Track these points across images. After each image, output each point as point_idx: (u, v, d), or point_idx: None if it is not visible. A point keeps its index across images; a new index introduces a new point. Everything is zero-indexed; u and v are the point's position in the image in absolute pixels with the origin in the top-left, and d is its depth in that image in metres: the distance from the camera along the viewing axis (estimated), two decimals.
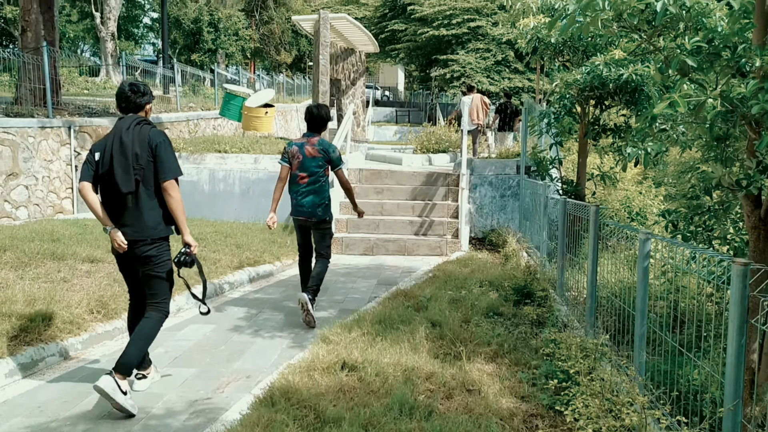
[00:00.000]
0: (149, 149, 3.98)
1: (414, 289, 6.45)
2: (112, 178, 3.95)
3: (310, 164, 5.94)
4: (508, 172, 10.98)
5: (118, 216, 4.04)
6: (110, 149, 3.97)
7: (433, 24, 28.33)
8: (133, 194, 3.98)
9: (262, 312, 6.33)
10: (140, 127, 4.03)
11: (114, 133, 4.04)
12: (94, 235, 7.91)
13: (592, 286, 5.31)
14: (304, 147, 5.97)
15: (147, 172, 3.98)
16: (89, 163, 4.03)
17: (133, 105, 4.11)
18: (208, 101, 20.10)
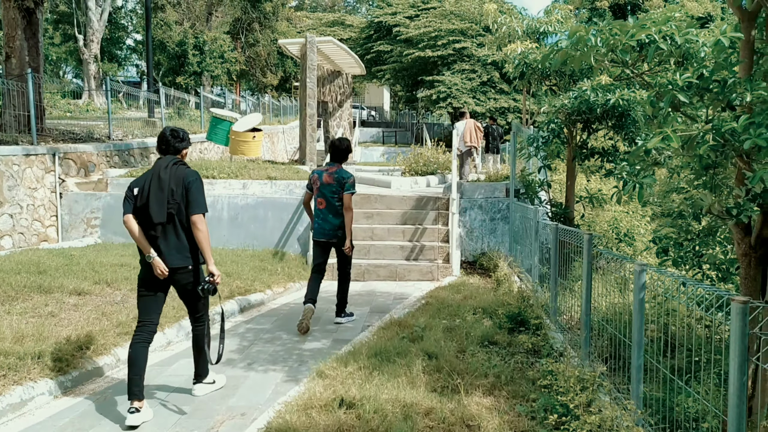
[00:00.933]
0: (183, 186, 4.46)
1: (408, 318, 6.41)
2: (149, 212, 4.43)
3: (326, 191, 6.70)
4: (498, 195, 11.02)
5: (156, 247, 4.49)
6: (148, 184, 4.47)
7: (419, 45, 28.56)
8: (165, 226, 4.47)
9: (255, 344, 6.25)
10: (177, 167, 4.54)
11: (153, 171, 4.54)
12: (80, 266, 7.80)
13: (586, 316, 5.31)
14: (323, 175, 6.73)
15: (181, 206, 4.47)
16: (129, 198, 4.58)
17: (172, 148, 4.62)
18: (194, 124, 20.04)
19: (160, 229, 4.45)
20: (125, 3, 39.03)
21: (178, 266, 4.52)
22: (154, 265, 4.46)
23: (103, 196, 11.19)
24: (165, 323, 6.31)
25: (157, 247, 4.48)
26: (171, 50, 26.73)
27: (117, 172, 12.06)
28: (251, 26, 29.85)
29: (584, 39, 4.33)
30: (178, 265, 4.52)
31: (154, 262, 4.46)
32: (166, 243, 4.48)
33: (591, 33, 4.35)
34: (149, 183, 4.47)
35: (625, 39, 4.28)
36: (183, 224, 4.50)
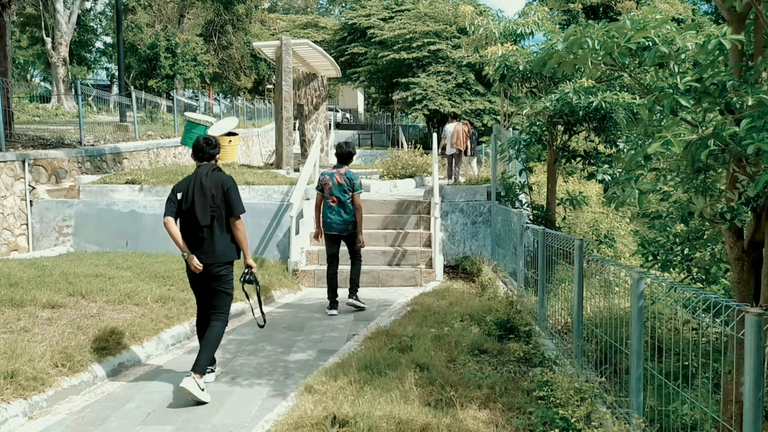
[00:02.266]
0: (222, 191, 5.00)
1: (395, 327, 6.28)
2: (192, 213, 4.99)
3: (338, 190, 7.57)
4: (479, 198, 10.94)
5: (196, 244, 5.06)
6: (192, 190, 5.01)
7: (394, 47, 28.52)
8: (209, 227, 5.01)
9: (238, 356, 6.06)
10: (215, 173, 5.09)
11: (195, 177, 5.06)
12: (53, 277, 7.52)
13: (578, 323, 5.23)
14: (333, 176, 7.61)
15: (220, 209, 5.02)
16: (172, 201, 5.11)
17: (207, 155, 5.16)
18: (167, 128, 19.69)
19: (204, 230, 5.02)
20: (94, 5, 38.34)
21: (216, 262, 5.07)
22: (189, 262, 5.05)
23: (75, 204, 10.88)
24: (143, 336, 6.10)
25: (200, 246, 5.04)
26: (142, 53, 26.22)
27: (89, 178, 11.74)
28: (224, 28, 29.47)
29: (580, 42, 4.23)
30: (216, 261, 5.07)
31: (190, 259, 5.05)
32: (207, 242, 5.04)
33: (587, 36, 4.26)
34: (192, 189, 5.01)
35: (624, 42, 4.18)
36: (221, 225, 5.05)
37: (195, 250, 5.06)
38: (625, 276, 4.42)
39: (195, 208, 4.96)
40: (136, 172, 11.96)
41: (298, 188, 10.12)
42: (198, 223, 4.99)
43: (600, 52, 4.23)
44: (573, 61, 4.45)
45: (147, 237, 10.77)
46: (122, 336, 5.91)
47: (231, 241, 5.14)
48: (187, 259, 5.07)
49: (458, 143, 14.41)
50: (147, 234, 10.79)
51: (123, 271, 8.35)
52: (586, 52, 4.23)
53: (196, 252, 5.05)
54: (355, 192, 7.58)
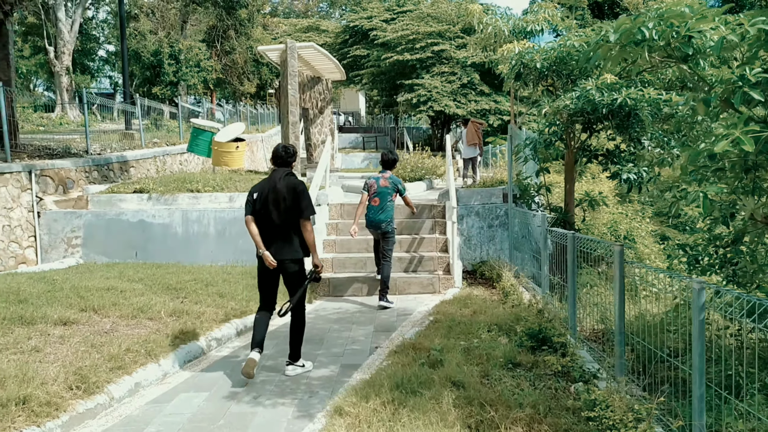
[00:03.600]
0: (294, 194, 5.40)
1: (421, 340, 6.00)
2: (267, 214, 5.44)
3: (383, 192, 8.36)
4: (495, 200, 10.66)
5: (270, 242, 5.48)
6: (266, 192, 5.46)
7: (397, 49, 28.22)
8: (281, 226, 5.43)
9: (258, 373, 5.79)
10: (288, 177, 5.53)
11: (270, 180, 5.51)
12: (64, 291, 7.27)
13: (620, 334, 4.95)
14: (379, 180, 8.41)
15: (292, 211, 5.42)
16: (250, 202, 5.56)
17: (284, 162, 5.63)
18: (173, 136, 19.44)
19: (277, 229, 5.43)
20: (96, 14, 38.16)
21: (288, 258, 5.49)
22: (264, 258, 5.45)
23: (83, 214, 10.64)
24: (159, 353, 5.84)
25: (273, 243, 5.46)
26: (146, 60, 25.98)
27: (97, 188, 11.50)
28: (227, 33, 29.21)
29: (633, 32, 3.96)
30: (288, 258, 5.49)
31: (264, 256, 5.44)
32: (280, 240, 5.45)
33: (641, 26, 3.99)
34: (267, 191, 5.46)
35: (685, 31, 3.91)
36: (293, 225, 5.46)
37: (268, 247, 5.48)
38: (679, 285, 4.15)
39: (269, 209, 5.42)
40: (144, 180, 11.72)
41: (310, 192, 9.85)
42: (272, 223, 5.44)
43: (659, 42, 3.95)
44: (620, 54, 4.17)
45: (156, 247, 10.53)
46: (138, 354, 5.65)
47: (300, 240, 5.52)
48: (261, 256, 5.47)
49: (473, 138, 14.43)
50: (156, 244, 10.55)
51: (134, 283, 8.09)
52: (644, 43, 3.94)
53: (271, 249, 5.46)
54: (403, 194, 8.59)
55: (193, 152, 14.54)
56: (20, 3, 12.38)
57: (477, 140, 14.93)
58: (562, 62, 9.43)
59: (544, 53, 9.33)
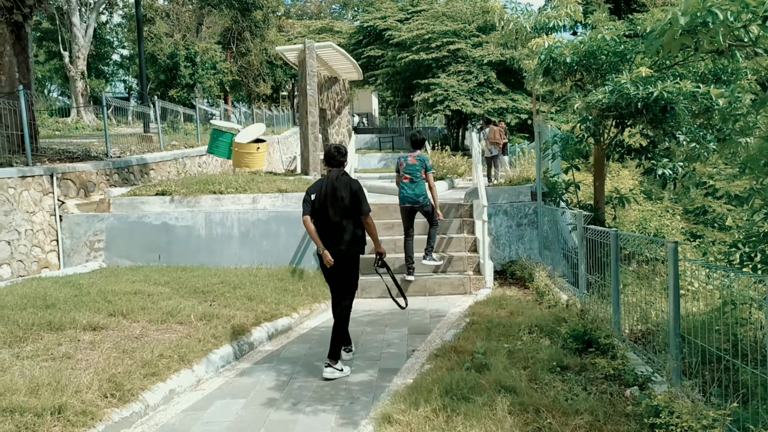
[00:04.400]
0: (351, 193, 5.65)
1: (461, 342, 5.80)
2: (325, 212, 5.65)
3: (412, 169, 8.76)
4: (523, 199, 10.44)
5: (330, 238, 5.68)
6: (324, 192, 5.67)
7: (412, 48, 28.03)
8: (339, 224, 5.64)
9: (295, 378, 5.62)
10: (344, 177, 5.75)
11: (327, 180, 5.73)
12: (90, 296, 7.14)
13: (675, 336, 4.73)
14: (407, 158, 8.85)
15: (349, 209, 5.65)
16: (307, 202, 5.73)
17: (337, 162, 5.86)
18: (190, 138, 19.35)
19: (335, 227, 5.64)
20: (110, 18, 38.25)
21: (346, 253, 5.71)
22: (324, 257, 5.66)
23: (106, 217, 10.52)
24: (192, 358, 5.68)
25: (331, 240, 5.67)
26: (162, 63, 25.93)
27: (119, 190, 11.39)
28: (242, 35, 29.12)
29: (704, 15, 3.75)
30: (346, 253, 5.71)
31: (324, 254, 5.66)
32: (338, 236, 5.66)
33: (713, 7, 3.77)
34: (324, 190, 5.68)
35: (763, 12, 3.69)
36: (350, 222, 5.67)
37: (326, 244, 5.68)
38: (747, 283, 3.92)
39: (327, 207, 5.63)
40: (166, 182, 11.59)
41: None
42: (329, 220, 5.64)
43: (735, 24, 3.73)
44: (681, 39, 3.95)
45: (180, 249, 10.39)
46: (171, 360, 5.50)
47: (357, 236, 5.73)
48: (321, 254, 5.67)
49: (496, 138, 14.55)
50: (179, 246, 10.41)
51: (161, 287, 7.96)
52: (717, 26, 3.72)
53: (331, 245, 5.67)
54: (428, 172, 8.74)
55: (213, 154, 14.43)
56: (39, 5, 12.30)
57: (498, 140, 15.10)
58: (592, 56, 9.20)
59: (574, 47, 9.11)
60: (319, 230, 5.69)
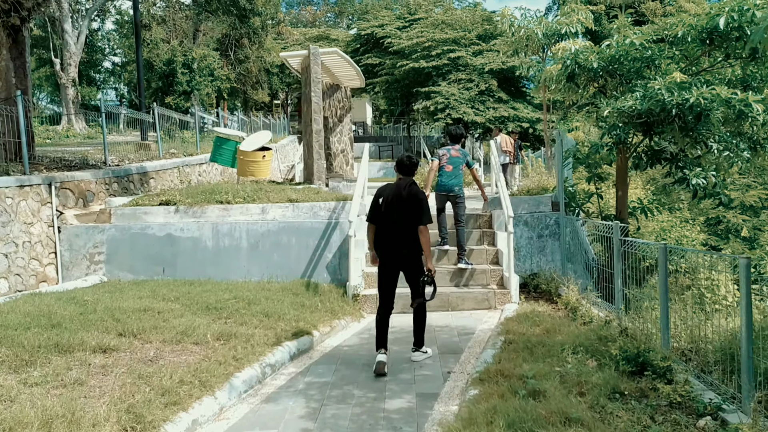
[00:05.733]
0: (416, 202, 5.95)
1: (506, 365, 5.38)
2: (390, 217, 6.01)
3: (455, 161, 9.17)
4: (543, 209, 10.06)
5: (391, 243, 6.04)
6: (392, 198, 6.05)
7: (412, 56, 27.78)
8: (402, 230, 5.96)
9: (326, 405, 5.18)
10: (411, 187, 6.09)
11: (397, 188, 6.11)
12: (97, 314, 6.68)
13: (748, 360, 4.34)
14: (450, 150, 9.26)
15: (412, 217, 5.94)
16: (375, 206, 6.15)
17: (408, 171, 6.24)
18: (188, 146, 18.88)
19: (399, 232, 5.96)
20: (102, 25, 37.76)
21: (408, 258, 6.02)
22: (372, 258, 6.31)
23: (107, 229, 10.06)
24: (214, 383, 5.23)
25: (393, 244, 6.01)
26: (159, 69, 25.44)
27: (120, 200, 10.92)
28: (240, 42, 28.72)
29: None
30: (408, 257, 6.02)
31: (372, 254, 6.26)
32: (401, 241, 5.97)
33: None
34: (393, 197, 6.05)
35: None
36: (413, 229, 5.94)
37: (388, 247, 6.04)
38: None
39: (392, 213, 5.98)
40: (170, 192, 11.14)
41: (354, 204, 9.28)
42: (394, 225, 5.97)
43: None
44: None
45: (185, 262, 9.94)
46: (192, 386, 5.04)
47: (417, 242, 5.96)
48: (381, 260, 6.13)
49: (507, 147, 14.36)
50: (185, 258, 9.95)
51: (170, 303, 7.50)
52: None
53: (391, 250, 6.04)
54: (471, 167, 9.35)
55: (216, 162, 14.00)
56: (38, 8, 11.85)
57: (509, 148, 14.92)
58: (617, 62, 8.86)
59: (600, 52, 8.77)
60: (382, 235, 6.06)
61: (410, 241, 5.95)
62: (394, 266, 6.09)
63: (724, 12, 7.70)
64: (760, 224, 13.57)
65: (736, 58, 8.46)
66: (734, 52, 8.26)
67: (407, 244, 5.95)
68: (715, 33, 8.01)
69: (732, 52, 8.32)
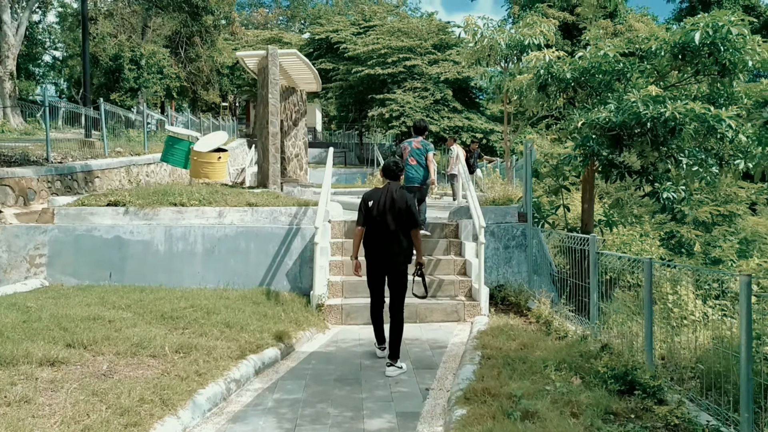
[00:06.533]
0: (406, 206, 6.10)
1: (491, 383, 5.10)
2: (383, 221, 6.11)
3: (416, 153, 9.33)
4: (510, 220, 9.90)
5: (383, 247, 6.18)
6: (383, 202, 6.15)
7: (368, 63, 27.52)
8: (394, 232, 6.10)
9: (301, 425, 4.79)
10: (401, 191, 6.24)
11: (386, 192, 6.22)
12: (42, 322, 6.11)
13: (747, 382, 4.19)
14: (411, 143, 9.41)
15: (404, 220, 6.10)
16: (362, 210, 6.29)
17: (395, 176, 6.37)
18: (135, 145, 18.06)
19: (391, 235, 6.11)
20: (43, 17, 36.16)
21: (397, 261, 6.18)
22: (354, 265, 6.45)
23: (49, 229, 9.38)
24: (177, 401, 4.78)
25: (384, 247, 6.17)
26: (104, 65, 24.34)
27: (64, 199, 10.22)
28: (191, 40, 27.82)
29: None
30: (398, 261, 6.18)
31: (355, 263, 6.44)
32: (391, 245, 6.13)
33: None
34: (384, 201, 6.16)
35: None
36: (403, 232, 6.14)
37: (379, 250, 6.21)
38: None
39: (386, 217, 6.10)
40: (119, 192, 10.50)
41: (320, 210, 8.89)
42: (386, 229, 6.10)
43: None
44: None
45: (134, 267, 9.35)
46: (153, 404, 4.59)
47: (408, 246, 6.20)
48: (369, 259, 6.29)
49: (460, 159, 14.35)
50: (135, 263, 9.37)
51: (122, 311, 6.97)
52: None
53: (381, 253, 6.20)
54: (429, 152, 9.38)
55: (167, 162, 13.36)
56: None
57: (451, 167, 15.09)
58: (589, 74, 8.80)
59: (573, 63, 8.68)
60: (373, 239, 6.21)
61: (403, 244, 6.14)
62: (384, 268, 6.26)
63: (699, 27, 7.70)
64: (712, 240, 13.81)
65: (705, 74, 8.50)
66: (705, 68, 8.28)
67: (400, 247, 6.13)
68: (688, 48, 8.01)
69: (702, 68, 8.34)
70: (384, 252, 6.16)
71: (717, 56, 7.95)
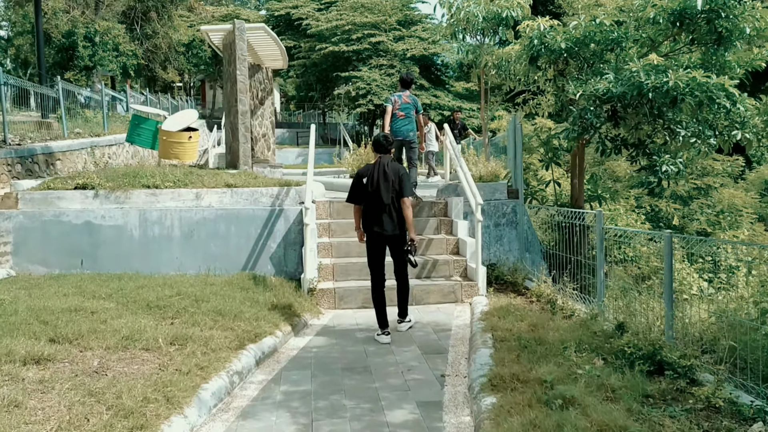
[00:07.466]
0: (399, 177, 6.27)
1: (516, 368, 4.82)
2: (378, 194, 6.24)
3: (406, 107, 9.29)
4: (499, 197, 9.65)
5: (380, 219, 6.28)
6: (377, 176, 6.28)
7: (332, 40, 26.88)
8: (390, 205, 6.25)
9: (318, 420, 4.43)
10: (393, 164, 6.41)
11: (378, 166, 6.33)
12: (19, 315, 5.61)
13: None
14: (401, 96, 9.33)
15: (398, 192, 6.27)
16: (358, 186, 6.40)
17: (385, 149, 6.46)
18: (94, 126, 17.18)
19: (386, 207, 6.22)
20: None
21: (394, 233, 6.31)
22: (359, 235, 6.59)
23: (13, 215, 8.76)
24: (181, 398, 4.38)
25: (381, 220, 6.27)
26: (57, 42, 23.10)
27: (28, 183, 9.55)
28: (147, 15, 26.65)
29: None
30: (394, 233, 6.31)
31: (360, 233, 6.55)
32: (388, 217, 6.26)
33: None
34: (378, 175, 6.26)
35: None
36: (396, 205, 6.27)
37: (377, 224, 6.29)
38: None
39: (380, 190, 6.21)
40: (86, 174, 9.85)
41: (308, 189, 8.47)
42: (382, 202, 6.21)
43: None
44: None
45: (107, 253, 8.82)
46: (158, 404, 4.18)
47: (400, 216, 6.30)
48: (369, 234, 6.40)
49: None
50: (107, 250, 8.83)
51: (103, 301, 6.49)
52: None
53: (378, 225, 6.28)
54: (419, 113, 9.53)
55: (133, 143, 12.72)
56: None
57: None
58: (582, 44, 8.55)
59: (567, 33, 8.41)
60: (370, 212, 6.29)
61: (397, 215, 6.26)
62: (382, 241, 6.35)
63: None
64: (689, 213, 13.86)
65: (701, 43, 8.33)
66: (701, 36, 8.11)
67: (395, 218, 6.26)
68: (686, 15, 7.81)
69: (698, 36, 8.16)
70: (383, 225, 6.25)
71: (715, 23, 7.77)
